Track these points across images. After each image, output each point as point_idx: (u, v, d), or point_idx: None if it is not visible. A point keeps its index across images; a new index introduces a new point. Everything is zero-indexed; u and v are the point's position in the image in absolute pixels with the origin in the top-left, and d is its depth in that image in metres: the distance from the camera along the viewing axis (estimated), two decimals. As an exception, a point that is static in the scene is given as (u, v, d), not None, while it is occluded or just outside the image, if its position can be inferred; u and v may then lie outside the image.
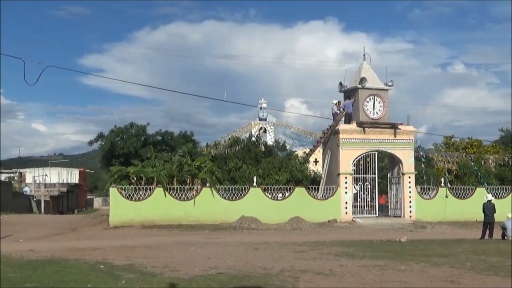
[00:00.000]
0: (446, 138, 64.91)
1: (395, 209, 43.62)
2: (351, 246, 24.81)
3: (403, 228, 38.71)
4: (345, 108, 43.56)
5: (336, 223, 40.36)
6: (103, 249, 23.12)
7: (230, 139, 53.64)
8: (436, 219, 42.18)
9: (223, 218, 39.15)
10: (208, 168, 41.75)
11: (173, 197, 39.37)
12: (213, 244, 26.12)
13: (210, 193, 39.82)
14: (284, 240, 28.77)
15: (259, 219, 39.46)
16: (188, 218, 38.91)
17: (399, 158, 43.07)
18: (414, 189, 43.12)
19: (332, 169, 42.79)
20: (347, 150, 41.96)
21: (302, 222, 39.56)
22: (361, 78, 42.62)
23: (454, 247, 24.21)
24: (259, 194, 40.57)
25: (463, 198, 43.92)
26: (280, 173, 44.02)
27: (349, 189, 41.83)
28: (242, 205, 40.02)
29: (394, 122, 43.16)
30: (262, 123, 66.54)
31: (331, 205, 41.35)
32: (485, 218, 31.01)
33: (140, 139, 49.30)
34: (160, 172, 40.16)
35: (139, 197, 39.08)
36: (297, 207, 40.52)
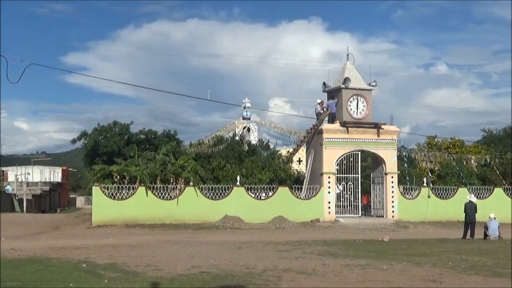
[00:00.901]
0: (429, 138, 65.22)
1: (378, 209, 43.74)
2: (334, 245, 24.88)
3: (385, 228, 38.84)
4: (328, 107, 43.68)
5: (319, 222, 40.43)
6: (86, 248, 23.03)
7: (214, 138, 53.64)
8: (419, 219, 42.35)
9: (206, 217, 39.10)
10: (191, 167, 41.67)
11: (156, 196, 39.27)
12: (196, 243, 26.10)
13: (193, 192, 39.75)
14: (267, 239, 28.80)
15: (242, 219, 39.46)
16: (171, 217, 38.83)
17: (382, 158, 43.22)
18: (397, 189, 43.28)
19: (315, 168, 42.86)
20: (331, 150, 42.06)
21: (285, 222, 39.61)
22: (345, 78, 42.74)
23: (436, 247, 24.34)
24: (242, 194, 40.57)
25: (445, 198, 44.13)
26: (263, 172, 44.02)
27: (332, 189, 41.92)
28: (226, 205, 40.00)
29: (377, 122, 43.29)
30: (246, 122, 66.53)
31: (314, 205, 41.42)
32: (466, 218, 31.20)
33: (123, 138, 49.11)
34: (143, 171, 40.04)
35: (122, 196, 38.94)
36: (280, 207, 40.55)
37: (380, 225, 39.99)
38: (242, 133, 60.14)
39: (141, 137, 50.50)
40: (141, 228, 36.40)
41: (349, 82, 42.69)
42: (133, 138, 49.49)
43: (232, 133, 55.85)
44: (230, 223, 38.74)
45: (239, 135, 53.11)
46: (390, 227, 39.35)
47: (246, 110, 66.52)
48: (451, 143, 63.05)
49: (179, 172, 41.15)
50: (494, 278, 15.65)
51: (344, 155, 42.47)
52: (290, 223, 39.57)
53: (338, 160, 42.34)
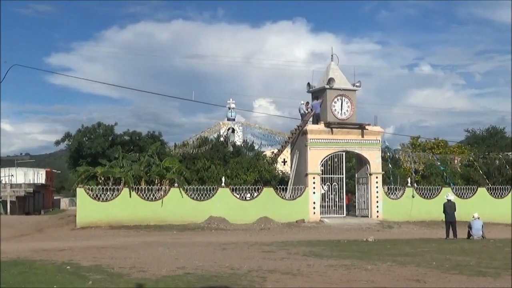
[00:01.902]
0: (413, 139, 65.41)
1: (363, 209, 43.84)
2: (319, 246, 24.92)
3: (370, 228, 38.95)
4: (313, 108, 43.75)
5: (304, 223, 40.48)
6: (70, 250, 22.92)
7: (199, 139, 53.54)
8: (403, 219, 42.50)
9: (191, 218, 39.05)
10: (176, 168, 41.62)
11: (141, 197, 39.17)
12: (181, 244, 26.06)
13: (178, 193, 39.70)
14: (252, 240, 28.80)
15: (227, 219, 39.45)
16: (156, 218, 38.75)
17: (366, 158, 43.33)
18: (381, 189, 43.41)
19: (300, 169, 42.91)
20: (315, 150, 42.12)
21: (270, 222, 39.63)
22: (329, 79, 42.82)
23: (420, 247, 24.43)
24: (227, 194, 40.55)
25: (429, 198, 44.28)
26: (248, 173, 44.05)
27: (317, 189, 41.98)
28: (211, 205, 39.97)
29: (361, 123, 43.40)
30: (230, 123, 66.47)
31: (299, 205, 41.47)
32: (446, 217, 31.35)
33: (107, 139, 48.97)
34: (128, 173, 39.94)
35: (107, 198, 38.81)
36: (265, 207, 40.57)
37: (365, 225, 40.08)
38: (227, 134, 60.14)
39: (125, 138, 50.36)
40: (125, 230, 36.29)
41: (334, 82, 42.77)
42: (118, 140, 49.34)
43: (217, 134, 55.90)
44: (215, 224, 38.71)
45: (223, 136, 53.13)
46: (375, 227, 39.46)
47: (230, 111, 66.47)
48: (434, 143, 63.30)
49: (164, 173, 41.08)
50: (477, 277, 15.73)
51: (329, 155, 42.55)
52: (275, 223, 39.59)
53: (322, 160, 42.40)
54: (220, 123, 66.74)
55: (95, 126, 49.91)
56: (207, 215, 39.51)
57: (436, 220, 40.84)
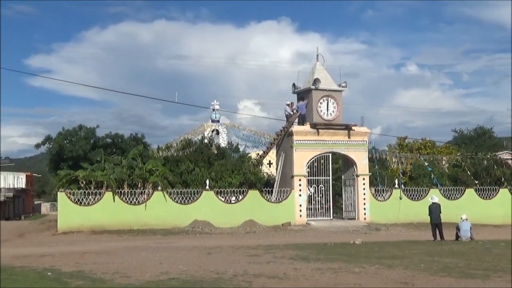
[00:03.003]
0: (400, 139, 65.58)
1: (350, 211, 43.94)
2: (305, 249, 24.94)
3: (357, 231, 39.04)
4: (298, 109, 43.79)
5: (290, 226, 40.52)
6: (51, 255, 22.82)
7: (182, 142, 53.42)
8: (391, 221, 42.67)
9: (175, 222, 39.00)
10: (159, 171, 41.56)
11: (124, 201, 39.07)
12: (165, 249, 26.00)
13: (161, 197, 39.64)
14: (238, 244, 28.78)
15: (212, 223, 39.42)
16: (139, 222, 38.66)
17: (353, 159, 43.44)
18: (369, 191, 43.54)
19: (286, 171, 42.95)
20: (301, 152, 42.18)
21: (256, 226, 39.64)
22: (315, 79, 42.90)
23: (408, 249, 24.51)
24: (212, 198, 40.53)
25: (417, 199, 44.47)
26: (233, 175, 44.01)
27: (303, 192, 42.04)
28: (195, 209, 39.94)
29: (348, 124, 43.51)
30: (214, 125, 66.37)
31: (285, 208, 41.51)
32: (431, 219, 31.44)
33: (89, 142, 48.78)
34: (110, 176, 39.84)
35: (89, 202, 38.69)
36: (250, 211, 40.58)
37: (352, 228, 40.18)
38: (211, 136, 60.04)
39: (107, 141, 50.21)
40: (108, 234, 36.19)
41: (319, 83, 42.86)
42: (100, 142, 49.19)
43: (201, 136, 55.74)
44: (199, 227, 38.68)
45: (208, 138, 53.05)
46: (362, 230, 39.57)
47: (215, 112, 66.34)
48: (422, 143, 63.50)
49: (147, 176, 41.01)
50: (466, 279, 15.79)
51: (315, 157, 42.62)
52: (260, 227, 39.61)
53: (309, 162, 42.47)
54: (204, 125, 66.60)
55: (77, 129, 49.72)
56: (192, 219, 39.47)
57: (424, 222, 40.86)
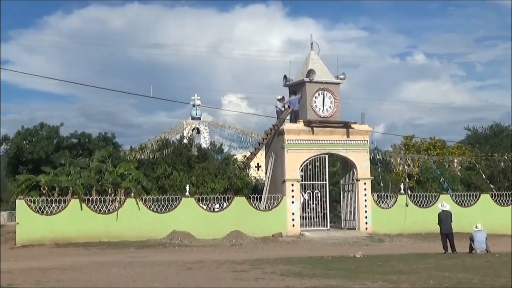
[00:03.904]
0: (406, 139, 65.67)
1: (349, 220, 43.94)
2: (299, 263, 24.94)
3: (358, 242, 39.09)
4: (290, 104, 43.75)
5: (281, 237, 40.52)
6: (9, 272, 22.69)
7: (159, 142, 53.44)
8: (395, 231, 42.70)
9: (150, 233, 38.92)
10: (132, 175, 41.50)
11: (92, 210, 38.95)
12: (139, 264, 25.95)
13: (135, 204, 39.53)
14: (222, 258, 28.75)
15: (192, 234, 39.37)
16: (110, 234, 38.55)
17: (352, 161, 43.47)
18: (370, 197, 43.56)
19: (276, 175, 42.93)
20: (294, 153, 42.17)
21: (242, 237, 39.63)
22: (309, 71, 42.89)
23: (415, 263, 24.55)
24: (192, 205, 40.46)
25: (425, 206, 44.48)
26: (216, 180, 43.99)
27: (296, 198, 42.04)
28: (173, 218, 39.85)
29: (346, 121, 43.53)
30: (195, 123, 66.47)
31: (276, 217, 41.49)
32: (441, 229, 31.44)
33: (52, 143, 48.70)
34: (76, 181, 39.74)
35: (52, 211, 38.53)
36: (236, 220, 40.55)
37: (352, 239, 40.22)
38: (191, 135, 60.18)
39: (73, 141, 50.15)
40: (74, 248, 36.06)
41: (314, 74, 42.86)
42: (64, 143, 49.11)
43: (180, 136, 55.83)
44: (178, 239, 38.64)
45: (187, 138, 53.08)
46: (363, 241, 39.62)
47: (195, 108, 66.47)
48: (431, 143, 63.62)
49: (118, 181, 40.93)
50: (481, 297, 15.85)
51: (309, 159, 42.63)
52: (248, 238, 39.60)
53: (302, 165, 42.47)
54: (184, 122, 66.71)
55: (38, 128, 49.63)
56: (169, 230, 39.40)
57: (433, 232, 40.93)
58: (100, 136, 51.22)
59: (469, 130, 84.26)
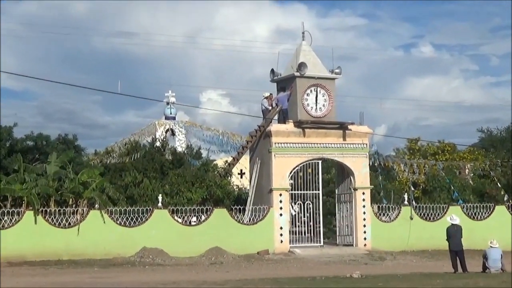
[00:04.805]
0: (411, 142, 65.83)
1: (345, 236, 44.01)
2: (288, 285, 24.96)
3: (355, 260, 39.19)
4: (278, 103, 43.75)
5: (268, 255, 40.54)
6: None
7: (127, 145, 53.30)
8: (398, 247, 42.81)
9: (118, 250, 38.87)
10: (97, 184, 41.37)
11: (50, 223, 38.82)
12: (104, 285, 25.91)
13: (99, 217, 39.46)
14: (200, 278, 28.77)
15: (166, 251, 39.33)
16: (71, 251, 38.46)
17: (349, 168, 43.51)
18: (370, 209, 43.62)
19: (262, 183, 42.93)
20: (282, 159, 42.17)
21: (223, 255, 39.63)
22: (300, 64, 42.90)
23: (421, 284, 24.61)
24: (165, 218, 40.40)
25: (433, 219, 44.61)
26: (193, 189, 43.94)
27: (285, 210, 42.04)
28: (143, 233, 39.80)
29: (343, 121, 43.59)
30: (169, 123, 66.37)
31: (262, 232, 41.50)
32: (450, 245, 31.48)
33: (4, 145, 48.39)
34: (31, 190, 39.57)
35: (3, 224, 38.40)
36: (216, 235, 40.53)
37: (349, 257, 40.29)
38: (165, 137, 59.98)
39: (28, 144, 49.86)
40: (29, 267, 35.94)
41: (306, 68, 42.88)
42: (18, 146, 48.79)
43: (152, 138, 55.66)
44: (149, 257, 38.60)
45: (160, 140, 52.92)
46: (362, 259, 39.70)
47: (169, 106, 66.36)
48: (439, 147, 63.81)
49: (81, 190, 40.80)
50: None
51: (300, 165, 42.63)
52: (229, 256, 39.60)
53: (292, 172, 42.50)
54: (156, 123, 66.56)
55: (-13, 129, 49.30)
56: (139, 246, 39.34)
57: (441, 249, 41.12)
58: (59, 138, 50.95)
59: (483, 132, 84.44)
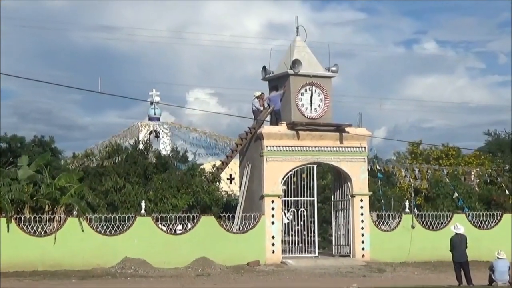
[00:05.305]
0: (412, 146, 65.95)
1: (342, 246, 44.03)
2: (280, 298, 25.05)
3: (353, 272, 39.23)
4: (270, 103, 43.76)
5: (259, 266, 40.56)
6: None
7: (108, 147, 53.33)
8: (399, 258, 42.87)
9: (97, 260, 38.84)
10: (75, 189, 41.33)
11: (25, 231, 38.77)
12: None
13: (78, 225, 39.42)
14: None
15: (149, 262, 39.32)
16: (47, 261, 38.42)
17: (347, 173, 43.57)
18: (369, 217, 43.67)
19: (253, 189, 42.97)
20: (274, 163, 42.21)
21: (210, 266, 39.63)
22: (293, 61, 42.95)
23: (422, 298, 24.73)
24: (149, 226, 40.40)
25: (436, 229, 44.67)
26: (179, 195, 43.96)
27: (277, 218, 42.09)
28: (125, 242, 39.79)
29: (340, 123, 43.63)
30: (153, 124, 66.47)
31: (252, 241, 41.54)
32: (454, 257, 31.56)
33: (-25, 148, 48.47)
34: (4, 196, 39.55)
35: (-26, 233, 38.42)
36: (203, 244, 40.55)
37: (345, 269, 40.31)
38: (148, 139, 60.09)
39: (1, 146, 49.90)
40: (2, 278, 35.87)
41: (300, 66, 42.94)
42: (-10, 148, 48.86)
43: (134, 140, 55.70)
44: (131, 268, 38.58)
45: (143, 143, 52.99)
46: (359, 271, 39.75)
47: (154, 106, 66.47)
48: (442, 151, 63.91)
49: (58, 196, 40.77)
50: None
51: (294, 170, 42.66)
52: (217, 267, 39.61)
53: (285, 177, 42.53)
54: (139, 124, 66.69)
55: (-43, 130, 49.31)
56: (120, 256, 39.34)
57: (445, 260, 41.24)
58: (35, 140, 50.91)
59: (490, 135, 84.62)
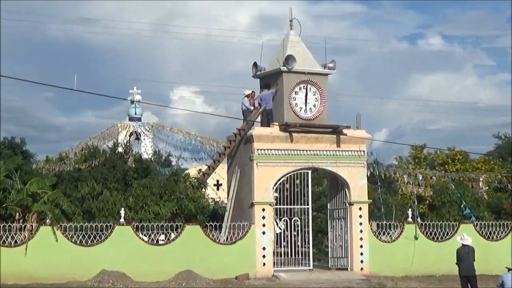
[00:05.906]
0: (416, 149, 66.00)
1: (339, 258, 44.07)
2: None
3: (350, 287, 39.31)
4: (262, 102, 43.78)
5: (248, 279, 40.59)
6: None
7: (84, 150, 53.34)
8: (401, 272, 42.97)
9: (72, 273, 38.83)
10: (48, 196, 41.32)
11: (-7, 241, 38.87)
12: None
13: (51, 234, 39.38)
14: (168, 306, 28.86)
15: (128, 275, 39.31)
16: (17, 274, 38.37)
17: (344, 179, 43.61)
18: (368, 227, 43.74)
19: (242, 196, 42.98)
20: (266, 168, 42.23)
21: (196, 279, 39.66)
22: (287, 57, 42.99)
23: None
24: (129, 236, 40.38)
25: (441, 239, 44.78)
26: (162, 203, 43.92)
27: (268, 228, 42.12)
28: (103, 253, 39.77)
29: (337, 125, 43.69)
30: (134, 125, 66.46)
31: (241, 253, 41.55)
32: (461, 270, 31.65)
33: None
34: (-29, 203, 39.63)
35: None
36: (188, 256, 40.57)
37: (342, 283, 40.38)
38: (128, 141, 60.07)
39: (-33, 149, 49.90)
40: (-32, 293, 35.97)
41: (294, 62, 42.97)
42: (-45, 151, 48.83)
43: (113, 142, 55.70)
44: (109, 282, 38.58)
45: (123, 145, 53.00)
46: (358, 285, 39.83)
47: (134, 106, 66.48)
48: (449, 156, 64.01)
49: (29, 203, 40.76)
50: None
51: (287, 175, 42.70)
52: (203, 280, 39.64)
53: (277, 183, 42.56)
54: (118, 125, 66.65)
55: None
56: (98, 269, 39.31)
57: (451, 274, 41.38)
58: (5, 142, 50.95)
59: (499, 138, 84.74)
